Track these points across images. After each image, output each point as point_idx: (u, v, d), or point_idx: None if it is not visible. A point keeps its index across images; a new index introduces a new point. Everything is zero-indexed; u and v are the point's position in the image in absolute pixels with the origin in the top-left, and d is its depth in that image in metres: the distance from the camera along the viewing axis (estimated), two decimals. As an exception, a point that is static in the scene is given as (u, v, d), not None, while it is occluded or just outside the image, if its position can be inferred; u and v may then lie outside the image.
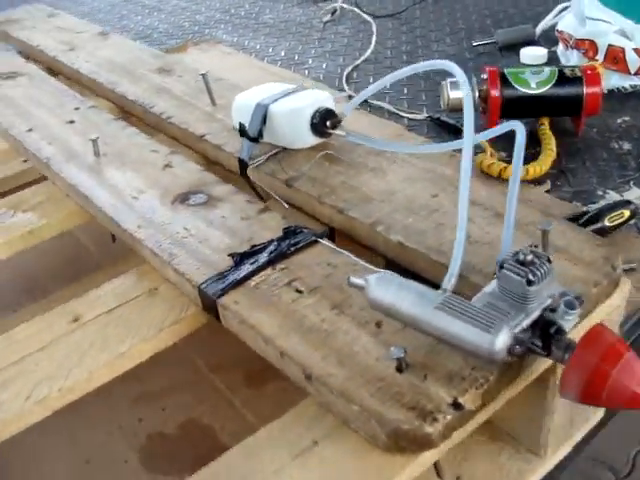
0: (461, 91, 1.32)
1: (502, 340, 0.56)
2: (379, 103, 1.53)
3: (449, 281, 0.61)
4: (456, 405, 0.58)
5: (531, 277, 0.58)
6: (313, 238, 0.77)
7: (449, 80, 1.38)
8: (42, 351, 0.72)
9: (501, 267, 0.60)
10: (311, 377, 0.62)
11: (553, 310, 0.59)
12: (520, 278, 0.58)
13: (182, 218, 0.83)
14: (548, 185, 1.25)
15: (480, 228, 0.76)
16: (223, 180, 0.91)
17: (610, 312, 0.72)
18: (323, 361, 0.63)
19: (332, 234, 0.83)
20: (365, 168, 0.88)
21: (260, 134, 0.90)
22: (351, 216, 0.80)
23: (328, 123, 0.88)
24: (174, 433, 0.86)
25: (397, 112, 1.50)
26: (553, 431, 0.76)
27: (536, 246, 0.68)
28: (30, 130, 1.05)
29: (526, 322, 0.59)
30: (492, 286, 0.62)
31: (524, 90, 1.32)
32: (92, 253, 1.16)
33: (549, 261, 0.60)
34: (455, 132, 1.40)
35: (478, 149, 1.33)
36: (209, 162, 1.00)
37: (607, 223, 1.09)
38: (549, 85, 1.32)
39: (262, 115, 0.90)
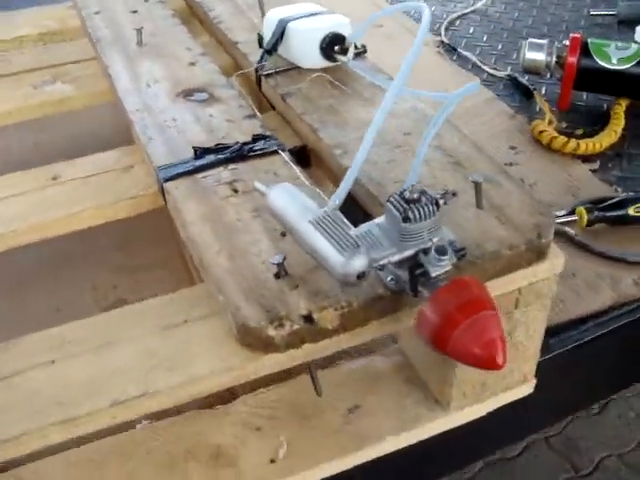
0: (533, 52, 1.29)
1: (353, 265, 0.57)
2: (466, 53, 1.50)
3: (334, 202, 0.62)
4: (308, 318, 0.60)
5: (409, 215, 0.59)
6: (275, 148, 0.80)
7: (529, 40, 1.33)
8: (15, 197, 0.81)
9: (387, 200, 0.61)
10: (202, 264, 0.67)
11: (426, 253, 0.59)
12: (398, 214, 0.59)
13: (176, 109, 0.89)
14: (597, 164, 1.19)
15: (430, 171, 0.76)
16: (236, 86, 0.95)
17: (534, 282, 0.71)
18: (217, 253, 0.67)
19: (305, 152, 0.85)
20: (359, 97, 0.88)
21: (275, 47, 0.93)
22: (319, 136, 0.82)
23: (336, 48, 0.90)
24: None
25: (480, 65, 1.46)
26: (460, 387, 0.76)
27: (455, 193, 0.68)
28: (97, 13, 1.14)
29: (395, 258, 0.60)
30: (382, 218, 0.63)
31: (603, 64, 1.25)
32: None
33: (437, 205, 0.60)
34: (526, 93, 1.35)
35: (538, 115, 1.28)
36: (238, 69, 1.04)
37: (631, 212, 1.04)
38: (631, 63, 1.24)
39: (281, 31, 0.92)
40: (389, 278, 0.62)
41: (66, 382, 0.61)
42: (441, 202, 0.64)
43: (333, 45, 0.90)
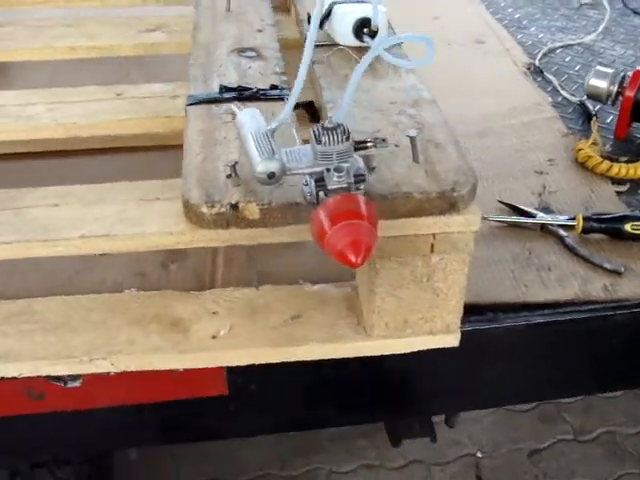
0: (597, 79, 1.35)
1: (266, 165, 0.73)
2: (551, 77, 1.59)
3: (274, 124, 0.78)
4: (234, 206, 0.77)
5: (322, 139, 0.74)
6: (282, 97, 0.97)
7: (596, 67, 1.40)
8: (83, 102, 1.06)
9: (312, 129, 0.76)
10: (183, 162, 0.85)
11: (329, 170, 0.74)
12: (314, 138, 0.74)
13: (226, 59, 1.08)
14: (624, 187, 1.25)
15: (394, 131, 0.89)
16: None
17: (449, 233, 0.82)
18: (196, 155, 0.85)
19: (313, 107, 1.02)
20: (372, 72, 1.03)
21: (321, 25, 1.11)
22: (322, 94, 0.98)
23: (365, 30, 1.05)
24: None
25: (558, 89, 1.54)
26: (381, 316, 0.89)
27: (385, 139, 0.82)
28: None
29: (306, 171, 0.75)
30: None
31: (660, 99, 1.30)
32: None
33: (347, 138, 0.74)
34: (588, 117, 1.42)
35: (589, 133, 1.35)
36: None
37: (628, 228, 1.10)
38: (686, 102, 1.28)
39: (328, 11, 1.10)
40: (307, 192, 0.77)
41: (58, 218, 0.82)
42: (370, 145, 0.79)
43: (362, 27, 1.06)
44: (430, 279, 0.86)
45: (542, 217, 1.14)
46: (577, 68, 1.65)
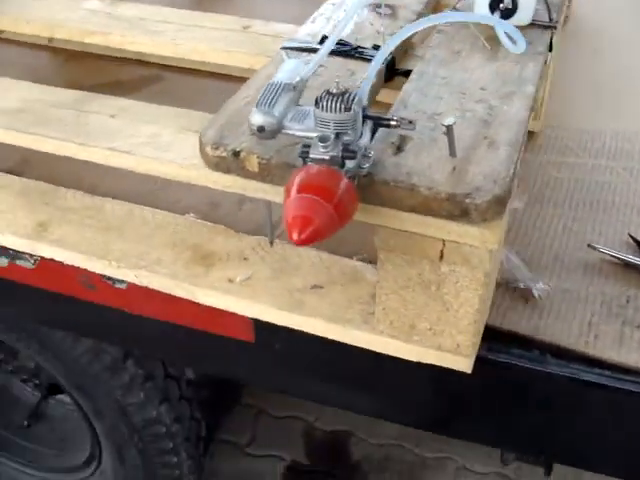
0: None
1: (256, 117, 0.70)
2: None
3: (300, 78, 0.74)
4: (236, 153, 0.75)
5: (321, 102, 0.68)
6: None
7: None
8: (206, 28, 1.09)
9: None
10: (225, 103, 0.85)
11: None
12: (316, 100, 0.69)
13: (355, 11, 1.03)
14: None
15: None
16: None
17: (460, 243, 0.72)
18: (243, 99, 0.84)
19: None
20: (490, 52, 0.91)
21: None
22: (417, 64, 0.90)
23: (501, 5, 0.94)
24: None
25: None
26: (386, 312, 0.83)
27: (412, 121, 0.73)
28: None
29: (298, 133, 0.71)
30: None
31: None
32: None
33: (348, 108, 0.68)
34: None
35: None
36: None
37: None
38: None
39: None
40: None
41: (104, 127, 0.88)
42: (393, 123, 0.72)
43: (499, 3, 0.94)
44: (439, 289, 0.77)
45: (666, 265, 0.95)
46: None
